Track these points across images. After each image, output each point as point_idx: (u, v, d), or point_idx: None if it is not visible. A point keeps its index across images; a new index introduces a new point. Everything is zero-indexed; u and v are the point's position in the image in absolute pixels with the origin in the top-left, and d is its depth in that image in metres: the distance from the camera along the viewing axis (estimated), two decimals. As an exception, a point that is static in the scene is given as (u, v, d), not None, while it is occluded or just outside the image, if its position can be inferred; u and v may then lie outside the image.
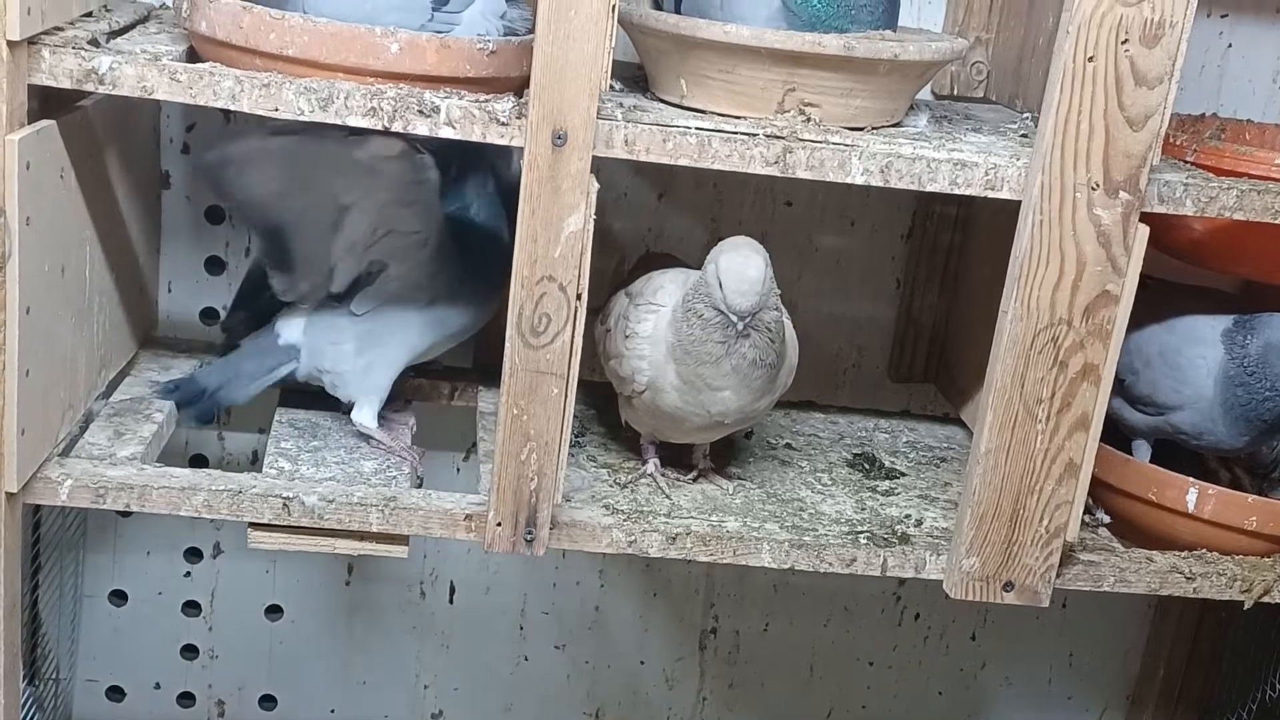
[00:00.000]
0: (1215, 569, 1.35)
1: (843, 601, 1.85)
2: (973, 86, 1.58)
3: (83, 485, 1.23)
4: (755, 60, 1.20)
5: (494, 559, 1.74)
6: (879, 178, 1.19)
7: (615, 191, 1.60)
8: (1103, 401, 1.23)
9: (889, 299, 1.69)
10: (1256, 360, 1.36)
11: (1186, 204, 1.22)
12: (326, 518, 1.24)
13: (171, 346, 1.55)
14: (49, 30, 1.13)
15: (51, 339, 1.21)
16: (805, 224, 1.65)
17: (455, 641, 1.82)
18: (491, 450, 1.24)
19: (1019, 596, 1.29)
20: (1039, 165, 1.17)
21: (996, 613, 1.87)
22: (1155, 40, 1.14)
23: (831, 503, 1.39)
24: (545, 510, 1.24)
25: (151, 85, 1.12)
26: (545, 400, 1.20)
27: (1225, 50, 1.64)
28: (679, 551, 1.29)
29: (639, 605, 1.82)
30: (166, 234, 1.58)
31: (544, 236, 1.15)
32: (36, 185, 1.13)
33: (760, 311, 1.22)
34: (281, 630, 1.78)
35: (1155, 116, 1.16)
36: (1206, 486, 1.37)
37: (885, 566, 1.30)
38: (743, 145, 1.17)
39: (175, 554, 1.74)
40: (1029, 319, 1.21)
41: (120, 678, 1.78)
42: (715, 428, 1.33)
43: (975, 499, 1.26)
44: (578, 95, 1.12)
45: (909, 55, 1.23)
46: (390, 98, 1.13)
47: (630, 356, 1.30)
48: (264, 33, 1.14)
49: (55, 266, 1.20)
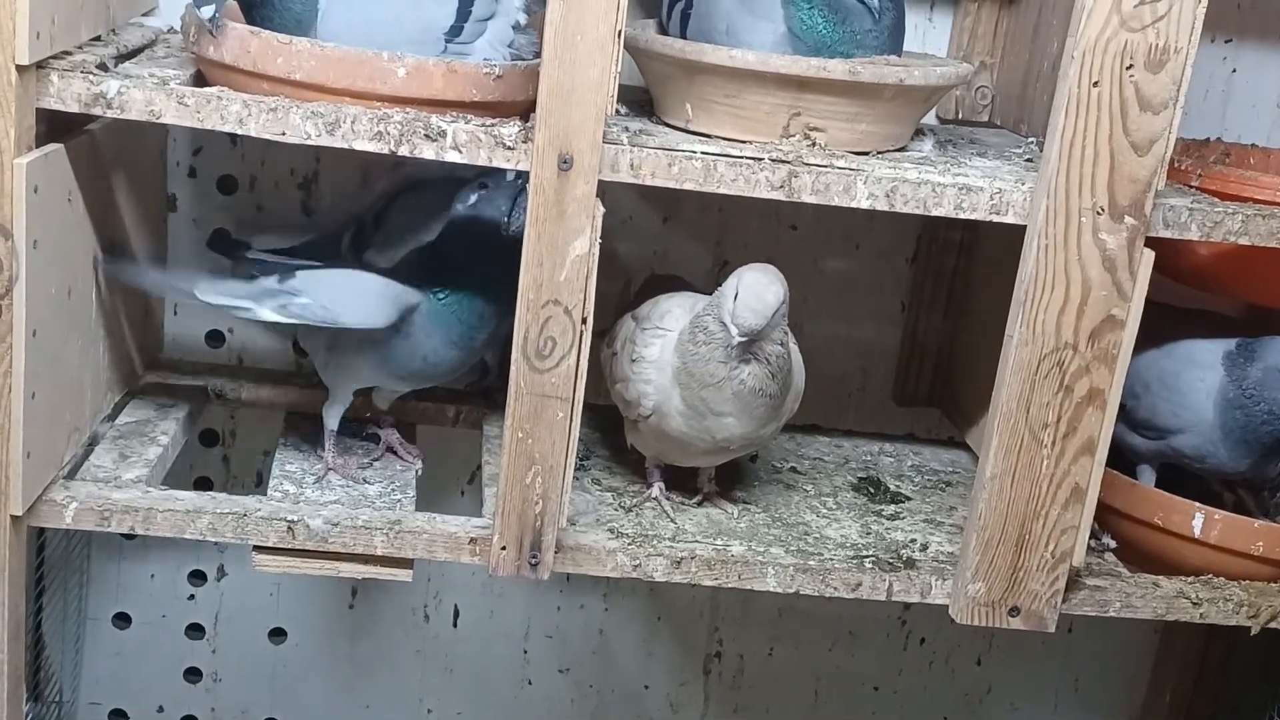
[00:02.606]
0: (1222, 594, 1.34)
1: (848, 626, 1.84)
2: (978, 111, 1.59)
3: (88, 508, 1.23)
4: (761, 85, 1.20)
5: (498, 582, 1.74)
6: (884, 202, 1.19)
7: (620, 215, 1.60)
8: (1108, 426, 1.23)
9: (894, 323, 1.69)
10: (1255, 384, 1.35)
11: (1192, 229, 1.22)
12: (331, 541, 1.24)
13: (177, 369, 1.55)
14: (57, 54, 1.14)
15: (58, 362, 1.21)
16: (810, 248, 1.65)
17: (459, 665, 1.81)
18: (496, 474, 1.24)
19: (1025, 622, 1.29)
20: (1044, 190, 1.17)
21: (1002, 637, 1.86)
22: (1160, 65, 1.14)
23: (836, 527, 1.39)
24: (550, 534, 1.24)
25: (159, 109, 1.13)
26: (550, 424, 1.20)
27: (1230, 75, 1.64)
28: (684, 575, 1.28)
29: (643, 629, 1.82)
30: (172, 257, 1.58)
31: (549, 260, 1.16)
32: (44, 208, 1.13)
33: (761, 340, 1.22)
34: (285, 653, 1.78)
35: (1160, 141, 1.16)
36: (1212, 511, 1.36)
37: (891, 591, 1.30)
38: (748, 169, 1.17)
39: (179, 577, 1.74)
40: (1034, 343, 1.21)
41: (124, 700, 1.78)
42: (720, 452, 1.33)
43: (981, 524, 1.25)
44: (583, 120, 1.12)
45: (914, 80, 1.23)
46: (397, 122, 1.13)
47: (636, 380, 1.29)
48: (271, 57, 1.14)
49: (62, 289, 1.21)
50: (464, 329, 1.31)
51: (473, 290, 1.30)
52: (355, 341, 1.31)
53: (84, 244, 1.26)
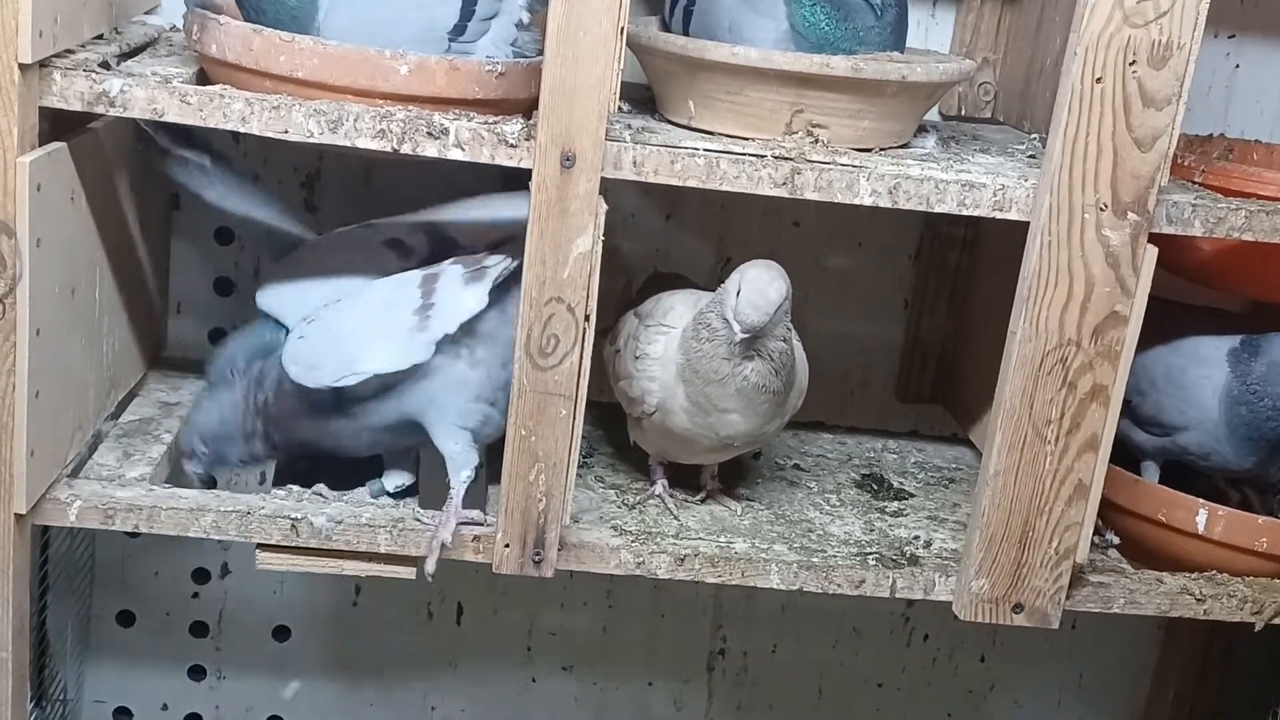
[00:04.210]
0: (1225, 590, 1.34)
1: (851, 623, 1.84)
2: (980, 107, 1.59)
3: (91, 506, 1.23)
4: (763, 82, 1.20)
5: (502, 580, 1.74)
6: (887, 199, 1.19)
7: (623, 212, 1.60)
8: (1112, 422, 1.23)
9: (897, 319, 1.69)
10: (1259, 380, 1.35)
11: (1195, 225, 1.22)
12: (335, 539, 1.24)
13: (181, 367, 1.55)
14: (60, 53, 1.14)
15: (61, 360, 1.22)
16: (813, 244, 1.65)
17: (463, 662, 1.81)
18: (499, 471, 1.24)
19: (1028, 618, 1.29)
20: (1047, 186, 1.17)
21: (1006, 634, 1.86)
22: (1163, 61, 1.14)
23: (840, 524, 1.39)
24: (553, 531, 1.24)
25: (162, 107, 1.13)
26: (553, 421, 1.20)
27: (1233, 71, 1.64)
28: (687, 573, 1.28)
29: (647, 626, 1.82)
30: (176, 255, 1.58)
31: (552, 258, 1.16)
32: (47, 207, 1.13)
33: (764, 337, 1.22)
34: (289, 651, 1.78)
35: (1163, 137, 1.16)
36: (1216, 508, 1.36)
37: (894, 588, 1.30)
38: (751, 166, 1.17)
39: (183, 575, 1.74)
40: (1037, 340, 1.20)
41: (128, 699, 1.78)
42: (724, 449, 1.33)
43: (984, 520, 1.25)
44: (586, 117, 1.12)
45: (917, 76, 1.23)
46: (399, 120, 1.13)
47: (640, 378, 1.29)
48: (274, 55, 1.14)
49: (65, 288, 1.21)
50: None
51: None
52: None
53: (87, 242, 1.26)
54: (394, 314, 1.24)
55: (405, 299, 1.24)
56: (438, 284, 1.25)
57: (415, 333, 1.23)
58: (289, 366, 1.24)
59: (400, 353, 1.23)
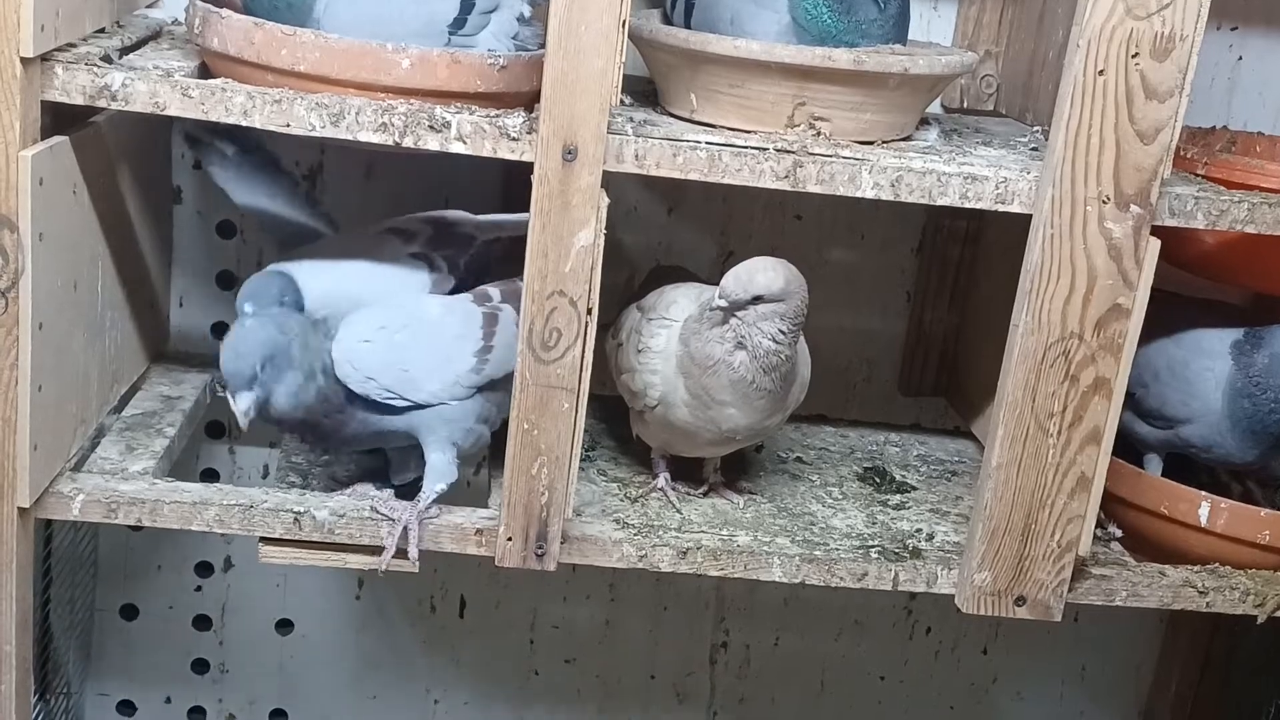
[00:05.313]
0: (1228, 583, 1.34)
1: (853, 616, 1.84)
2: (983, 100, 1.58)
3: (94, 500, 1.23)
4: (765, 75, 1.20)
5: (504, 573, 1.74)
6: (889, 192, 1.19)
7: (625, 206, 1.60)
8: (1114, 415, 1.23)
9: (899, 313, 1.69)
10: (1263, 372, 1.35)
11: (1198, 217, 1.21)
12: (338, 532, 1.24)
13: (183, 361, 1.55)
14: (61, 47, 1.14)
15: (64, 354, 1.22)
16: (815, 238, 1.65)
17: (465, 655, 1.82)
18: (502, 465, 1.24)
19: (1031, 611, 1.29)
20: (1049, 179, 1.17)
21: (1008, 627, 1.86)
22: (1166, 54, 1.14)
23: (842, 517, 1.39)
24: (556, 525, 1.24)
25: (164, 101, 1.13)
26: (556, 415, 1.20)
27: (1235, 63, 1.64)
28: (689, 566, 1.28)
29: (649, 619, 1.82)
30: (178, 249, 1.58)
31: (554, 252, 1.16)
32: (49, 201, 1.13)
33: (747, 320, 1.22)
34: (292, 644, 1.78)
35: (1166, 130, 1.16)
36: (1218, 500, 1.36)
37: (897, 581, 1.30)
38: (753, 160, 1.17)
39: (186, 568, 1.74)
40: (1040, 333, 1.20)
41: (131, 692, 1.78)
42: (726, 443, 1.33)
43: (987, 513, 1.25)
44: (588, 110, 1.12)
45: (919, 69, 1.23)
46: (401, 113, 1.13)
47: (643, 371, 1.30)
48: (276, 48, 1.14)
49: (68, 282, 1.21)
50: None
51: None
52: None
53: (89, 236, 1.26)
54: (459, 350, 1.26)
55: (470, 336, 1.27)
56: (497, 326, 1.28)
57: (471, 374, 1.27)
58: (342, 365, 1.23)
59: (451, 388, 1.26)
